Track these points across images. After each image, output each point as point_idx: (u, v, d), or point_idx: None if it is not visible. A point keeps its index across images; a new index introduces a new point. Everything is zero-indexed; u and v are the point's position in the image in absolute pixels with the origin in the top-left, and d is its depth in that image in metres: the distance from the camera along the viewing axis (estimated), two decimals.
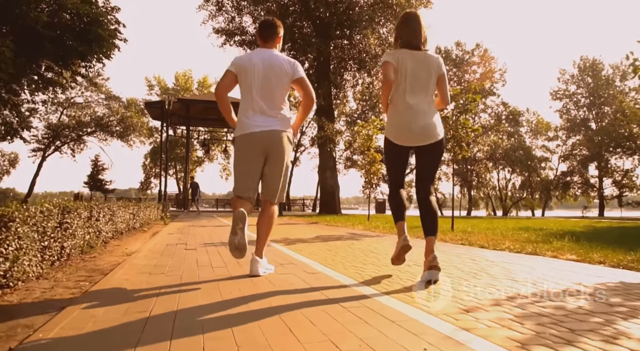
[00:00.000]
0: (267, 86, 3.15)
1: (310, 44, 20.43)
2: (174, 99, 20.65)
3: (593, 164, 46.59)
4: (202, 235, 6.96)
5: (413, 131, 3.04)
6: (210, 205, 44.43)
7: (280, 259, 3.90)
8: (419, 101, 3.05)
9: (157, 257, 4.11)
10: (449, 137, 9.54)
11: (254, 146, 3.15)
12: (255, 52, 3.27)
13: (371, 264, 3.72)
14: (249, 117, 3.15)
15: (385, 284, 2.83)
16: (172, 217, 15.56)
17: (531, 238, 6.59)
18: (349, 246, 5.28)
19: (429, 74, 3.08)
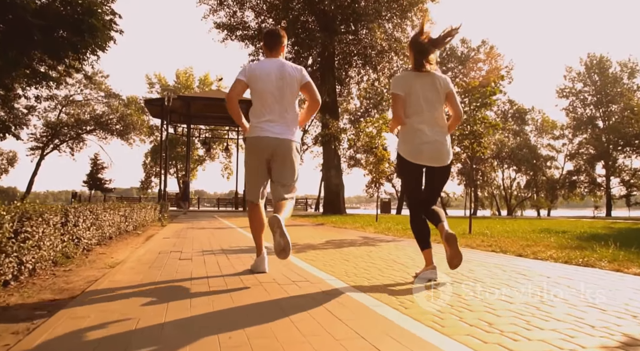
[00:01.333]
0: (278, 94, 3.31)
1: (314, 39, 19.76)
2: (173, 96, 19.98)
3: (600, 163, 45.88)
4: (200, 240, 6.31)
5: (427, 152, 3.15)
6: (211, 204, 43.84)
7: (293, 275, 3.24)
8: (430, 123, 3.18)
9: (144, 270, 3.46)
10: (467, 133, 8.90)
11: (263, 149, 3.29)
12: (265, 61, 3.43)
13: (402, 279, 3.06)
14: (261, 123, 3.29)
15: (450, 319, 2.17)
16: (171, 218, 14.92)
17: (563, 243, 5.92)
18: (367, 254, 4.62)
19: (437, 95, 3.21)
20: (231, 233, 7.74)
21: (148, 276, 3.17)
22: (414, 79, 3.21)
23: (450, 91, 3.27)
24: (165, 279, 3.05)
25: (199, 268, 3.55)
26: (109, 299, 2.43)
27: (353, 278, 3.11)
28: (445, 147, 3.20)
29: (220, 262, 3.92)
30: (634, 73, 45.81)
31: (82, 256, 4.16)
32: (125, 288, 2.73)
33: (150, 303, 2.34)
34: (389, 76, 22.47)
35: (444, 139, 3.21)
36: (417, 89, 3.18)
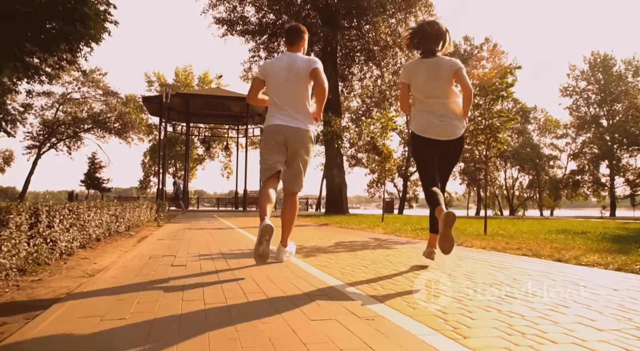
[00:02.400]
0: (290, 87, 3.52)
1: (316, 34, 19.20)
2: (172, 92, 19.43)
3: (604, 162, 45.34)
4: (197, 242, 5.75)
5: (437, 127, 3.31)
6: (211, 204, 43.30)
7: (307, 286, 2.69)
8: (437, 101, 3.35)
9: (129, 278, 2.91)
10: (482, 128, 8.36)
11: (278, 135, 3.53)
12: (280, 57, 3.68)
13: (439, 290, 2.52)
14: (275, 114, 3.56)
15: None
16: (169, 218, 14.37)
17: (596, 245, 5.37)
18: (386, 259, 4.07)
19: (442, 77, 3.36)
20: (231, 234, 7.19)
21: (132, 287, 2.62)
22: (419, 65, 3.43)
23: (458, 68, 3.36)
24: (151, 293, 2.50)
25: (194, 277, 3.00)
26: (75, 322, 1.88)
27: (378, 289, 2.56)
28: (453, 121, 3.34)
29: (219, 269, 3.37)
30: (638, 71, 45.29)
31: (60, 262, 3.61)
32: (99, 303, 2.18)
33: (124, 331, 1.79)
34: (393, 72, 21.92)
35: (452, 114, 3.35)
36: (422, 72, 3.38)
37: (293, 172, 3.66)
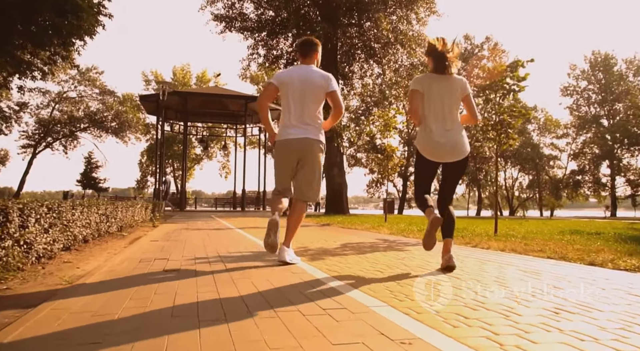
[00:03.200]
0: (304, 99, 3.56)
1: (316, 31, 18.79)
2: (169, 89, 19.01)
3: (605, 162, 45.03)
4: (194, 243, 5.36)
5: (442, 151, 3.37)
6: (209, 204, 42.85)
7: (317, 295, 2.30)
8: (448, 124, 3.37)
9: (113, 287, 2.52)
10: (493, 124, 7.99)
11: (290, 150, 3.59)
12: (295, 69, 3.70)
13: (476, 302, 2.13)
14: (287, 127, 3.60)
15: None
16: (166, 218, 13.97)
17: (615, 246, 4.98)
18: (402, 263, 3.68)
19: (454, 96, 3.43)
20: (230, 235, 6.80)
21: (114, 298, 2.23)
22: (432, 81, 3.44)
23: (468, 94, 3.49)
24: (135, 307, 2.10)
25: (188, 286, 2.61)
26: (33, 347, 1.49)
27: (407, 303, 2.17)
28: (460, 145, 3.39)
29: (216, 275, 2.98)
30: (639, 71, 45.00)
31: (38, 267, 3.21)
32: (71, 319, 1.79)
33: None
34: (394, 69, 21.52)
35: (460, 136, 3.41)
36: (435, 90, 3.41)
37: (304, 184, 3.67)
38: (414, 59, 21.88)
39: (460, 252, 4.51)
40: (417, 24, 21.84)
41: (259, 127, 29.75)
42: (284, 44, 21.76)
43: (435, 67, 3.46)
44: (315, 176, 3.66)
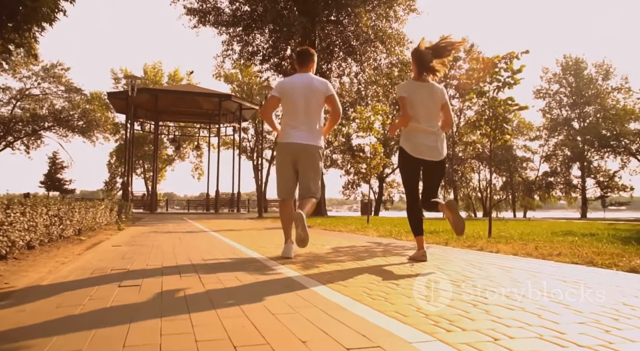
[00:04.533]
0: (305, 105, 3.82)
1: (293, 25, 18.14)
2: (139, 84, 18.03)
3: (576, 164, 45.74)
4: (163, 249, 4.65)
5: (426, 148, 3.68)
6: (181, 207, 41.63)
7: (340, 330, 1.66)
8: (429, 125, 3.71)
9: (44, 313, 1.83)
10: (487, 118, 7.51)
11: (290, 153, 3.86)
12: (295, 77, 3.95)
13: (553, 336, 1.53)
14: (289, 131, 3.84)
15: None
16: (135, 220, 13.08)
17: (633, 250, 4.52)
18: (412, 271, 3.08)
19: (435, 103, 3.75)
20: (204, 239, 6.09)
21: (35, 335, 1.54)
22: (415, 87, 3.72)
23: (445, 102, 3.78)
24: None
25: (149, 308, 1.93)
26: None
27: (459, 336, 1.56)
28: (440, 146, 3.72)
29: (188, 292, 2.31)
30: (608, 75, 45.94)
31: None
32: None
33: None
34: (374, 67, 21.05)
35: (440, 139, 3.73)
36: (418, 96, 3.68)
37: (305, 183, 3.90)
38: (392, 57, 21.48)
39: (470, 256, 3.95)
40: (395, 23, 21.46)
41: (233, 127, 28.89)
42: (260, 40, 21.05)
43: (418, 73, 3.77)
44: (317, 174, 3.94)
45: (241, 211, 27.42)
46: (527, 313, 1.88)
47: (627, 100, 42.39)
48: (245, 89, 39.64)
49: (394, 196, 49.19)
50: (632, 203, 49.25)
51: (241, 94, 36.50)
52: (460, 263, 3.55)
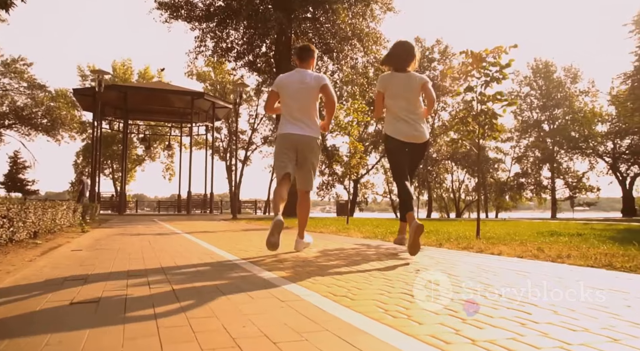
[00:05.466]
0: (301, 99, 4.03)
1: (269, 20, 17.62)
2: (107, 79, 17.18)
3: (546, 166, 46.61)
4: (129, 253, 4.12)
5: (408, 131, 4.01)
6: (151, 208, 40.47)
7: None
8: (407, 109, 4.04)
9: None
10: (475, 114, 7.21)
11: (289, 143, 4.02)
12: (293, 73, 4.12)
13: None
14: (288, 123, 4.06)
15: None
16: (101, 222, 12.33)
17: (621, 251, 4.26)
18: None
19: (413, 90, 4.06)
20: (176, 241, 5.56)
21: None
22: (393, 78, 4.09)
23: (425, 82, 4.10)
24: None
25: (109, 336, 1.46)
26: None
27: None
28: (421, 127, 4.04)
29: (160, 309, 1.84)
30: (576, 79, 47.02)
31: None
32: None
33: None
34: (351, 66, 20.72)
35: (422, 122, 4.09)
36: (395, 84, 4.04)
37: (304, 174, 4.12)
38: (370, 56, 21.21)
39: (475, 260, 3.58)
40: (372, 22, 21.18)
41: (206, 126, 28.13)
42: (234, 36, 20.45)
43: (395, 66, 4.12)
44: (314, 168, 4.18)
45: (214, 212, 26.68)
46: (593, 335, 1.49)
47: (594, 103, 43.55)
48: (219, 87, 38.80)
49: (368, 197, 49.17)
50: (597, 203, 50.60)
51: (214, 93, 35.66)
52: (469, 267, 3.17)
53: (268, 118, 40.11)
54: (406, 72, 4.09)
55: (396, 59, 4.14)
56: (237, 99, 17.27)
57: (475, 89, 7.40)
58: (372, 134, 39.50)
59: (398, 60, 4.13)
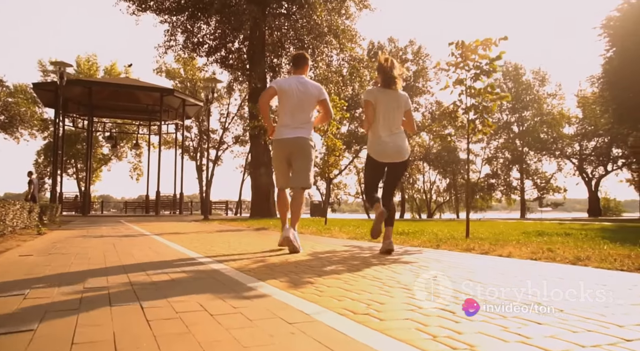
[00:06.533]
0: (300, 105, 4.12)
1: (243, 14, 16.99)
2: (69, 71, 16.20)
3: (515, 167, 47.36)
4: (89, 258, 3.54)
5: (389, 152, 4.01)
6: (118, 210, 39.07)
7: None
8: (393, 129, 4.04)
9: None
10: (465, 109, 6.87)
11: (284, 148, 4.16)
12: (293, 78, 4.22)
13: None
14: (284, 127, 4.14)
15: None
16: (63, 223, 11.48)
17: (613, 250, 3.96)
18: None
19: (399, 109, 4.09)
20: (146, 244, 4.97)
21: None
22: (381, 94, 4.06)
23: (409, 109, 4.17)
24: None
25: None
26: None
27: None
28: (403, 148, 4.07)
29: (124, 341, 1.32)
30: (544, 82, 48.00)
31: None
32: None
33: None
34: (327, 63, 20.28)
35: (403, 141, 4.09)
36: (383, 102, 4.03)
37: (299, 173, 4.15)
38: (345, 53, 20.83)
39: (487, 262, 3.17)
40: (347, 20, 20.82)
41: (176, 125, 27.19)
42: (206, 31, 19.72)
43: (383, 82, 4.07)
44: (308, 166, 4.17)
45: (184, 213, 25.79)
46: None
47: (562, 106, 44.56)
48: (189, 85, 37.73)
49: (341, 197, 48.88)
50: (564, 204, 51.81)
51: (184, 91, 34.63)
52: (488, 272, 2.75)
53: (239, 117, 39.29)
54: (393, 89, 4.10)
55: (385, 75, 4.09)
56: (209, 94, 16.59)
57: (465, 82, 7.06)
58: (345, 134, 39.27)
59: (387, 76, 4.09)
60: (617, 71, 21.10)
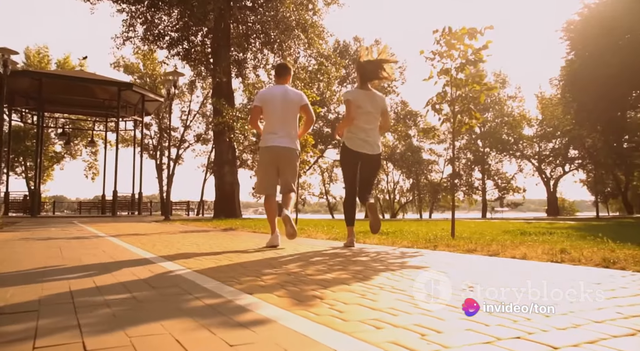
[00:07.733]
0: (283, 113, 4.32)
1: (206, 4, 16.16)
2: (16, 62, 14.95)
3: (477, 167, 48.19)
4: (26, 266, 2.86)
5: (365, 144, 4.29)
6: (72, 211, 37.13)
7: None
8: (370, 127, 4.34)
9: None
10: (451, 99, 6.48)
11: (271, 155, 4.32)
12: (275, 88, 4.47)
13: None
14: (269, 136, 4.32)
15: None
16: (6, 224, 10.43)
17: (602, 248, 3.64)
18: (489, 300, 1.72)
19: (377, 109, 4.40)
20: (100, 247, 4.27)
21: None
22: (360, 94, 4.35)
23: (385, 110, 4.50)
24: None
25: None
26: None
27: None
28: (377, 143, 4.42)
29: None
30: (504, 84, 49.10)
31: None
32: None
33: None
34: (294, 59, 19.69)
35: (378, 136, 4.44)
36: (361, 102, 4.31)
37: (285, 180, 4.34)
38: (313, 49, 20.31)
39: (508, 266, 2.71)
40: (315, 15, 20.31)
41: (134, 121, 25.93)
42: (168, 22, 18.75)
43: (361, 83, 4.39)
44: (295, 173, 4.40)
45: (143, 214, 24.61)
46: None
47: (520, 108, 45.69)
48: (148, 81, 36.25)
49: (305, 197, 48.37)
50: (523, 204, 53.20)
51: (144, 86, 33.22)
52: (516, 278, 2.28)
53: (202, 115, 38.16)
54: (370, 90, 4.40)
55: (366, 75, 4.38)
56: (171, 88, 15.70)
57: (450, 71, 6.65)
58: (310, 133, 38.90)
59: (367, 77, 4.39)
60: (578, 73, 21.52)
